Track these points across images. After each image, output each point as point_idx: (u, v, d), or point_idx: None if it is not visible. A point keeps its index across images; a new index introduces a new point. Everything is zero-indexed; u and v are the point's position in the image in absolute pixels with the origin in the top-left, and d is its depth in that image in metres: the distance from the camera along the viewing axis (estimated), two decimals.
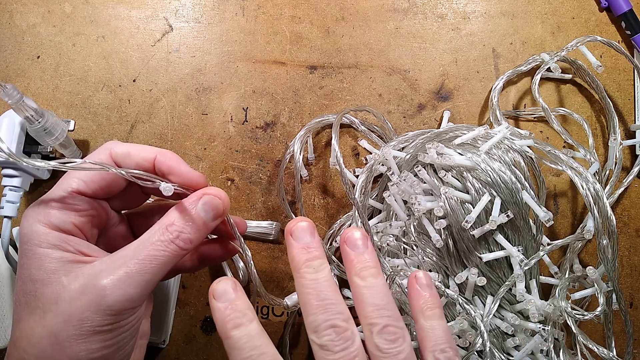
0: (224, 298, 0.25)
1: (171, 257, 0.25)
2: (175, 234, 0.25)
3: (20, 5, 0.44)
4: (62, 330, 0.23)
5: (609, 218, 0.35)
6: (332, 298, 0.25)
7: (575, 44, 0.41)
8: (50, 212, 0.25)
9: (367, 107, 0.42)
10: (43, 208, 0.25)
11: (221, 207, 0.27)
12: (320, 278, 0.26)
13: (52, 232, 0.25)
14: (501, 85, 0.43)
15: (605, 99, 0.43)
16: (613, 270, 0.36)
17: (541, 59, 0.43)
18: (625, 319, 0.37)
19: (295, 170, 0.41)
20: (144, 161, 0.27)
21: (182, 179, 0.27)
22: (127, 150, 0.27)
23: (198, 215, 0.26)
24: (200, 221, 0.26)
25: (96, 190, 0.27)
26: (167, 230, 0.25)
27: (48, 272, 0.24)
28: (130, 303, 0.24)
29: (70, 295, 0.23)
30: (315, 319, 0.25)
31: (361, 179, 0.38)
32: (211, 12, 0.45)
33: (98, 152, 0.27)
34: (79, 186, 0.26)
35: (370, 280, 0.26)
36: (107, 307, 0.23)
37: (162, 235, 0.25)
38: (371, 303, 0.26)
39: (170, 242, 0.25)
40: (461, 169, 0.36)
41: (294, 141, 0.41)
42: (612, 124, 0.43)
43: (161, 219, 0.26)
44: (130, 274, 0.24)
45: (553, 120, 0.41)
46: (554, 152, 0.38)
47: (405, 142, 0.41)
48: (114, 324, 0.24)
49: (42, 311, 0.23)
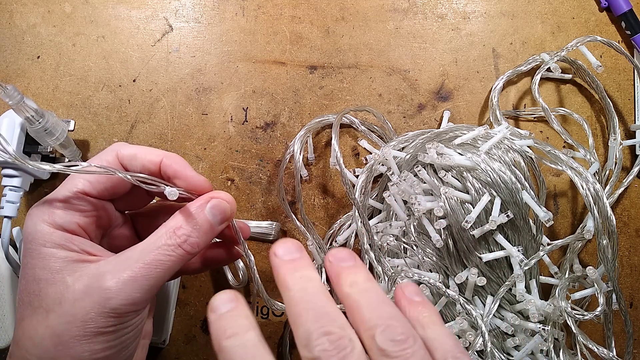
0: (220, 310, 0.22)
1: (177, 261, 0.25)
2: (183, 237, 0.25)
3: (20, 5, 0.44)
4: (65, 330, 0.23)
5: (609, 218, 0.35)
6: (324, 306, 0.21)
7: (575, 44, 0.41)
8: (54, 212, 0.25)
9: (367, 107, 0.42)
10: (47, 208, 0.25)
11: (229, 210, 0.27)
12: (310, 287, 0.22)
13: (57, 231, 0.25)
14: (501, 85, 0.43)
15: (605, 99, 0.43)
16: (613, 270, 0.36)
17: (541, 59, 0.43)
18: (625, 319, 0.37)
19: (295, 170, 0.41)
20: (150, 164, 0.27)
21: (188, 183, 0.27)
22: (133, 153, 0.27)
23: (205, 219, 0.26)
24: (207, 225, 0.26)
25: (101, 192, 0.27)
26: (174, 234, 0.25)
27: (52, 271, 0.24)
28: (134, 306, 0.24)
29: (74, 296, 0.23)
30: (305, 330, 0.20)
31: (361, 179, 0.38)
32: (211, 12, 0.45)
33: (105, 153, 0.27)
34: (84, 187, 0.26)
35: (364, 285, 0.22)
36: (111, 309, 0.23)
37: (170, 239, 0.25)
38: (368, 306, 0.21)
39: (178, 247, 0.25)
40: (461, 169, 0.36)
41: (294, 141, 0.41)
42: (612, 124, 0.43)
43: (167, 222, 0.26)
44: (136, 278, 0.24)
45: (553, 120, 0.41)
46: (554, 152, 0.38)
47: (405, 142, 0.41)
48: (118, 326, 0.24)
49: (46, 311, 0.23)
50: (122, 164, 0.27)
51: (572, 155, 0.40)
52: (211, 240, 0.27)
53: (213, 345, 0.22)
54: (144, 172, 0.27)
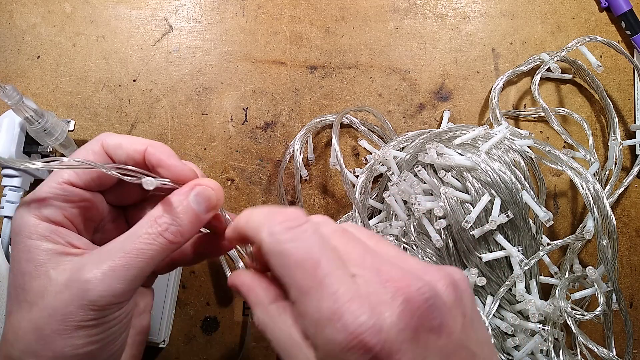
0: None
1: (160, 250, 0.24)
2: (164, 226, 0.24)
3: (20, 5, 0.44)
4: (46, 324, 0.23)
5: (609, 218, 0.35)
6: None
7: (575, 44, 0.41)
8: (41, 203, 0.25)
9: (367, 107, 0.42)
10: (34, 199, 0.25)
11: (214, 198, 0.26)
12: None
13: (42, 223, 0.24)
14: (501, 85, 0.43)
15: (605, 99, 0.43)
16: (613, 271, 0.36)
17: (541, 59, 0.43)
18: (625, 319, 0.37)
19: (295, 170, 0.41)
20: (135, 153, 0.26)
21: (171, 172, 0.26)
22: (118, 142, 0.26)
23: (189, 207, 0.25)
24: (191, 213, 0.25)
25: (88, 182, 0.26)
26: (155, 223, 0.24)
27: (37, 264, 0.24)
28: (115, 298, 0.23)
29: (55, 289, 0.23)
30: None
31: (361, 179, 0.38)
32: (211, 12, 0.45)
33: (91, 143, 0.26)
34: (70, 177, 0.26)
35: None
36: (89, 302, 0.23)
37: (150, 227, 0.24)
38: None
39: (159, 235, 0.24)
40: (461, 169, 0.36)
41: (294, 141, 0.41)
42: (612, 124, 0.43)
43: (151, 211, 0.26)
44: (115, 268, 0.23)
45: (553, 120, 0.41)
46: (554, 152, 0.38)
47: (405, 142, 0.41)
48: (99, 319, 0.23)
49: (29, 305, 0.23)
50: (107, 154, 0.26)
51: (572, 155, 0.40)
52: (197, 229, 0.26)
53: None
54: (129, 161, 0.26)
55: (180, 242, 0.25)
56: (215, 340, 0.42)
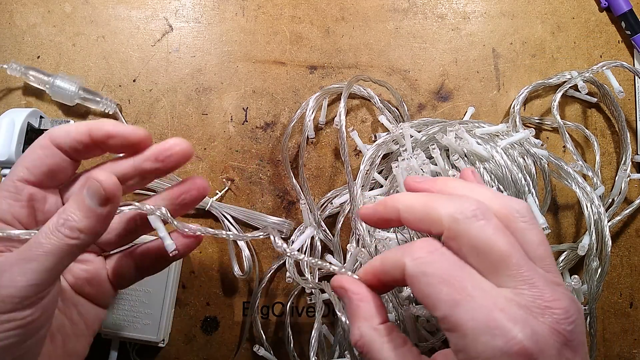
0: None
1: (58, 245, 0.24)
2: (61, 221, 0.24)
3: (20, 5, 0.44)
4: None
5: (606, 243, 0.36)
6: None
7: (601, 67, 0.41)
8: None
9: (386, 82, 0.42)
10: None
11: (101, 191, 0.24)
12: None
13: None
14: (525, 95, 0.43)
15: (624, 129, 0.43)
16: (595, 293, 0.36)
17: (570, 75, 0.43)
18: (591, 344, 0.38)
19: (304, 127, 0.41)
20: (80, 135, 0.26)
21: (124, 138, 0.26)
22: (65, 130, 0.26)
23: (82, 202, 0.24)
24: (85, 208, 0.24)
25: (40, 177, 0.26)
26: (57, 216, 0.24)
27: None
28: (18, 290, 0.23)
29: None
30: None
31: (371, 150, 0.38)
32: (211, 12, 0.45)
33: (38, 139, 0.26)
34: (24, 174, 0.25)
35: None
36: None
37: (51, 221, 0.24)
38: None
39: (55, 230, 0.24)
40: (474, 158, 0.36)
41: (309, 100, 0.42)
42: (625, 155, 0.43)
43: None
44: (16, 262, 0.23)
45: (567, 139, 0.41)
46: (565, 167, 0.38)
47: (422, 127, 0.41)
48: (7, 315, 0.23)
49: None
50: (56, 144, 0.26)
51: (582, 172, 0.40)
52: (102, 226, 0.25)
53: None
54: (76, 144, 0.26)
55: (81, 239, 0.24)
56: (215, 340, 0.42)
